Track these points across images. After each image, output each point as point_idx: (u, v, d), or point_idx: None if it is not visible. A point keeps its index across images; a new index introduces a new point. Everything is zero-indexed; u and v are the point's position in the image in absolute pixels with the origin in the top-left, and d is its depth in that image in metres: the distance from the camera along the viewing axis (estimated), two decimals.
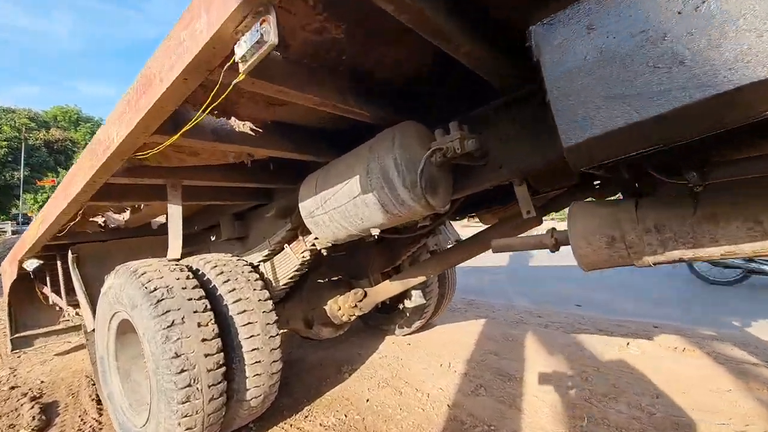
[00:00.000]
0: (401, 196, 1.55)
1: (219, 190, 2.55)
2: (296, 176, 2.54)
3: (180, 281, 2.20)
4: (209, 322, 2.14)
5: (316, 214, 1.87)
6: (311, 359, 3.80)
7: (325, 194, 1.80)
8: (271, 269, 2.71)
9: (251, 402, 2.34)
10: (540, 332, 4.32)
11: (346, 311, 3.17)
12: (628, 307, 5.44)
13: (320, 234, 1.98)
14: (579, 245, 1.61)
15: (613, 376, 3.20)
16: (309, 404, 2.97)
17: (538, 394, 2.95)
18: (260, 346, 2.33)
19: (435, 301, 4.16)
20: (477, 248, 2.44)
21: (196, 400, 2.00)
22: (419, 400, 2.96)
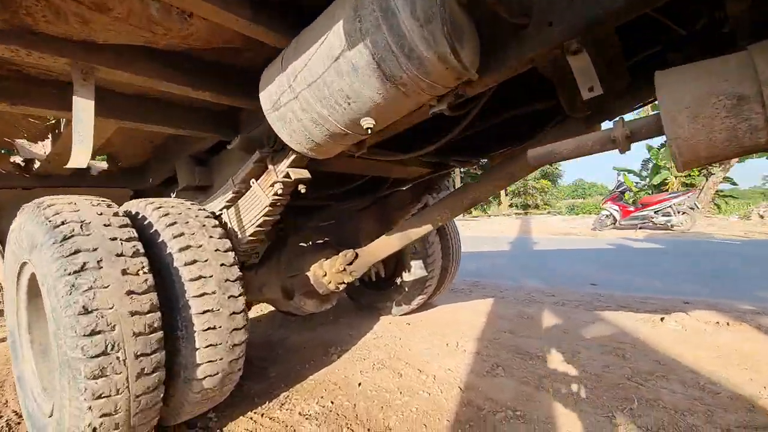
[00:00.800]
0: (408, 36, 0.98)
1: (166, 108, 1.96)
2: None
3: (102, 217, 1.61)
4: (140, 270, 1.56)
5: (283, 101, 1.29)
6: (294, 340, 3.22)
7: (295, 67, 1.23)
8: (235, 216, 2.13)
9: (204, 382, 1.76)
10: (557, 310, 3.78)
11: (333, 277, 2.59)
12: (655, 285, 4.93)
13: (290, 136, 1.40)
14: (679, 123, 1.06)
15: (653, 353, 2.67)
16: (287, 390, 2.39)
17: (568, 374, 2.41)
18: (216, 308, 1.75)
19: (438, 274, 3.60)
20: (500, 180, 1.88)
21: (116, 374, 1.41)
22: (423, 382, 2.40)
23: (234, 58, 1.75)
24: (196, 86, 1.71)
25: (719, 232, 11.32)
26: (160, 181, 2.83)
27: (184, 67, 1.65)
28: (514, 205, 30.09)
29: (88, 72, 1.42)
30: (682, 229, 11.43)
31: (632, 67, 1.72)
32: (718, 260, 6.46)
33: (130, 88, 1.82)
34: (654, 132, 1.19)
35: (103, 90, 1.78)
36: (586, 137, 1.32)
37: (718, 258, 6.67)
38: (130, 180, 2.79)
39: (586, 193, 44.93)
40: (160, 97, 1.97)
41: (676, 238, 10.11)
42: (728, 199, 18.74)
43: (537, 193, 29.43)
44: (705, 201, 16.68)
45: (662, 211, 11.78)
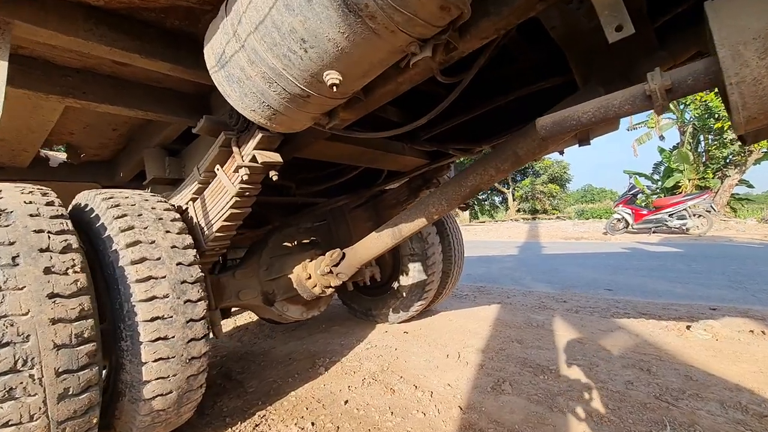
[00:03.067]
0: None
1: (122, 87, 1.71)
2: None
3: (31, 206, 1.36)
4: (70, 268, 1.29)
5: (228, 53, 1.03)
6: (278, 351, 2.94)
7: (238, 7, 0.97)
8: (201, 209, 1.87)
9: (155, 403, 1.48)
10: (571, 317, 3.45)
11: (319, 280, 2.32)
12: (676, 290, 4.56)
13: (240, 100, 1.13)
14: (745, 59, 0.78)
15: (683, 366, 2.34)
16: (264, 408, 2.10)
17: (585, 391, 2.09)
18: (168, 315, 1.49)
19: (438, 278, 3.30)
20: (505, 163, 1.59)
21: (30, 396, 1.14)
22: (419, 400, 2.10)
23: (191, 24, 1.51)
24: (146, 53, 1.46)
25: (738, 235, 10.83)
26: (131, 175, 2.59)
27: (130, 29, 1.40)
28: (522, 210, 29.60)
29: (2, 28, 1.18)
30: (699, 232, 10.96)
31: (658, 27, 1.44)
32: (742, 264, 6.05)
33: (74, 58, 1.57)
34: (704, 81, 0.91)
35: (41, 61, 1.55)
36: (611, 96, 1.04)
37: (741, 261, 6.26)
38: (98, 174, 2.55)
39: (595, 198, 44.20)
40: (114, 73, 1.73)
41: (694, 242, 9.66)
42: (744, 203, 18.14)
43: (545, 197, 28.92)
44: (720, 204, 16.11)
45: (677, 214, 11.31)
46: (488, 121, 2.31)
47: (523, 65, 2.03)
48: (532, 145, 1.50)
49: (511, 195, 30.21)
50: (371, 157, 2.29)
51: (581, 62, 1.57)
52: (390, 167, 2.65)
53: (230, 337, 3.39)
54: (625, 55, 1.45)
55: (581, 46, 1.51)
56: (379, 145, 2.23)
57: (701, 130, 17.22)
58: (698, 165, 17.50)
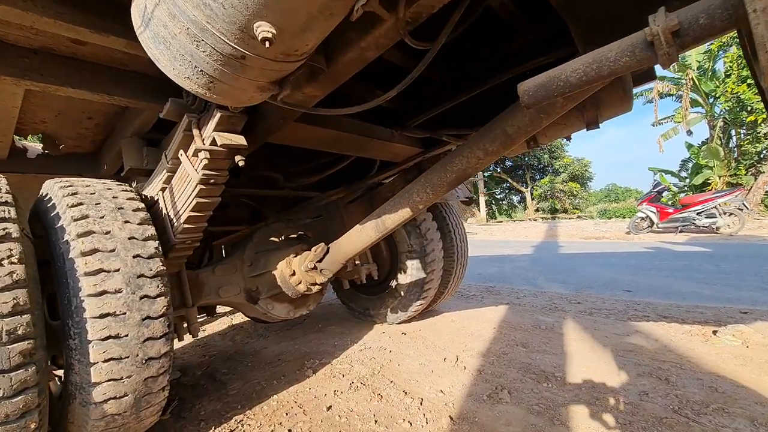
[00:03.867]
0: None
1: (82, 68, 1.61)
2: None
3: None
4: (6, 259, 1.18)
5: (149, 7, 0.89)
6: (269, 352, 2.81)
7: None
8: (170, 199, 1.76)
9: (108, 407, 1.37)
10: (584, 320, 3.20)
11: (304, 277, 2.18)
12: (703, 291, 4.21)
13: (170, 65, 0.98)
14: None
15: (707, 376, 2.09)
16: (242, 412, 1.97)
17: (594, 402, 1.87)
18: (121, 311, 1.37)
19: (439, 276, 3.11)
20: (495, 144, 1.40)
21: None
22: (407, 408, 1.92)
23: None
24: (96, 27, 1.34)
25: None
26: (115, 168, 2.51)
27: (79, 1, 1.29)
28: (541, 209, 28.85)
29: None
30: (730, 231, 10.31)
31: None
32: None
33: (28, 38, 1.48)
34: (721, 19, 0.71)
35: None
36: (605, 49, 0.86)
37: None
38: (82, 167, 2.49)
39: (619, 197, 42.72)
40: (74, 54, 1.62)
41: (724, 241, 9.09)
42: None
43: (565, 196, 28.10)
44: (753, 202, 15.19)
45: (706, 212, 10.69)
46: (486, 104, 2.12)
47: (523, 41, 1.83)
48: (522, 121, 1.31)
49: (529, 194, 29.51)
50: (356, 143, 2.13)
51: (584, 31, 1.37)
52: (380, 156, 2.49)
53: (223, 336, 3.29)
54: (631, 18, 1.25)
55: (583, 12, 1.32)
56: (363, 130, 2.07)
57: (732, 124, 16.32)
58: (729, 161, 16.59)
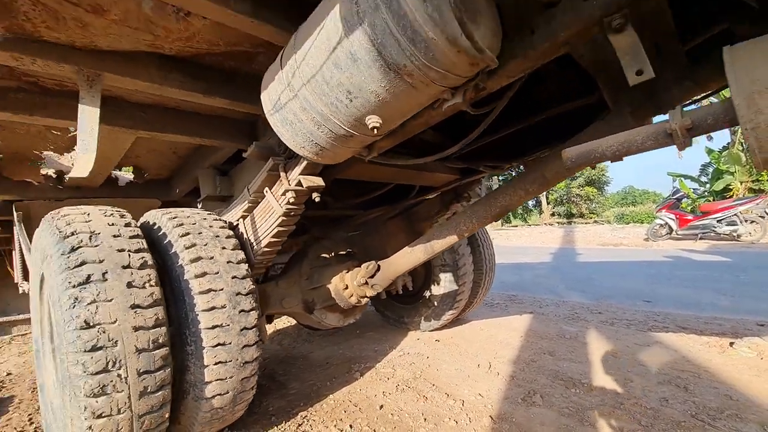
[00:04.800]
0: (411, 14, 0.84)
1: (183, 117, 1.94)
2: None
3: (113, 227, 1.59)
4: (147, 282, 1.50)
5: (283, 101, 1.20)
6: (317, 356, 3.11)
7: (293, 62, 1.13)
8: (251, 226, 2.06)
9: (214, 401, 1.67)
10: (606, 330, 3.41)
11: (355, 290, 2.47)
12: (721, 303, 4.36)
13: (293, 139, 1.29)
14: (760, 107, 0.84)
15: (722, 385, 2.29)
16: (305, 409, 2.27)
17: (618, 406, 2.10)
18: (226, 323, 1.67)
19: (469, 288, 3.37)
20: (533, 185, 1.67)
21: (118, 392, 1.35)
22: (450, 408, 2.19)
23: (246, 63, 1.70)
24: (208, 92, 1.66)
25: None
26: (186, 191, 2.85)
27: (195, 73, 1.60)
28: (557, 213, 28.71)
29: (94, 79, 1.40)
30: (751, 239, 10.26)
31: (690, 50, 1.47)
32: None
33: (146, 97, 1.81)
34: (723, 122, 0.97)
35: (119, 100, 1.79)
36: (634, 132, 1.11)
37: None
38: (158, 191, 2.83)
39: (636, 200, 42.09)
40: (177, 107, 1.95)
41: (745, 250, 9.08)
42: None
43: (581, 201, 27.92)
44: None
45: (726, 220, 10.65)
46: (517, 139, 2.38)
47: (552, 86, 2.09)
48: (560, 169, 1.57)
49: (545, 198, 29.40)
50: (404, 175, 2.42)
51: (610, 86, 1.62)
52: (423, 183, 2.77)
53: (271, 341, 3.61)
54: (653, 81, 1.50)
55: (609, 71, 1.57)
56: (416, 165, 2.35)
57: None
58: (751, 166, 16.34)
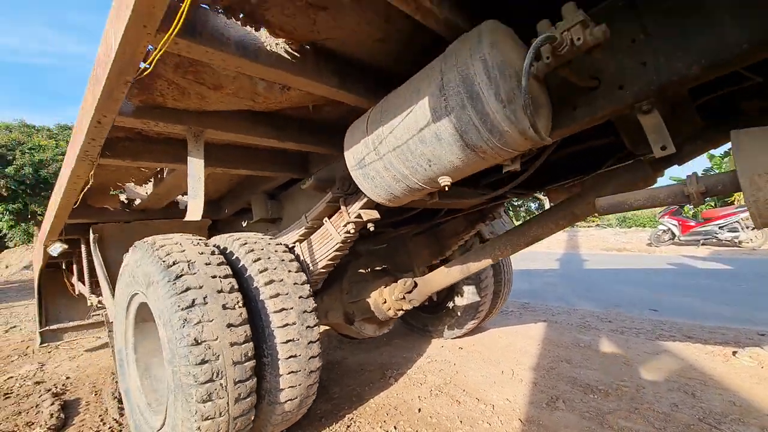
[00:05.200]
0: (491, 115, 1.10)
1: (250, 154, 2.21)
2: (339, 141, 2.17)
3: (204, 256, 1.85)
4: (236, 304, 1.77)
5: (368, 161, 1.46)
6: (351, 361, 3.37)
7: (380, 132, 1.39)
8: (307, 250, 2.32)
9: (286, 405, 1.93)
10: (616, 339, 3.67)
11: (393, 305, 2.73)
12: (723, 312, 4.61)
13: (371, 190, 1.56)
14: (759, 186, 1.10)
15: (726, 392, 2.55)
16: (351, 412, 2.52)
17: (633, 410, 2.36)
18: (296, 338, 1.93)
19: (489, 299, 3.63)
20: (563, 220, 1.93)
21: (220, 399, 1.61)
22: (483, 412, 2.44)
23: (315, 114, 1.96)
24: (282, 138, 1.93)
25: None
26: (234, 212, 3.12)
27: (275, 123, 1.87)
28: None
29: (198, 135, 1.67)
30: (753, 246, 10.51)
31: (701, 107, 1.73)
32: None
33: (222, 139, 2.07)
34: (730, 189, 1.22)
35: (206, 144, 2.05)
36: (658, 190, 1.37)
37: None
38: (210, 211, 3.10)
39: None
40: (245, 145, 2.22)
41: (746, 257, 9.33)
42: None
43: None
44: None
45: (728, 226, 10.90)
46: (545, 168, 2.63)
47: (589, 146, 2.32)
48: (588, 208, 1.83)
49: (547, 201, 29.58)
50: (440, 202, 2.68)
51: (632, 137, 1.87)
52: (453, 207, 3.02)
53: None
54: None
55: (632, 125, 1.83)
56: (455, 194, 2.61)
57: None
58: None
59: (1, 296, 7.39)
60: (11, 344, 4.42)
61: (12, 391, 3.12)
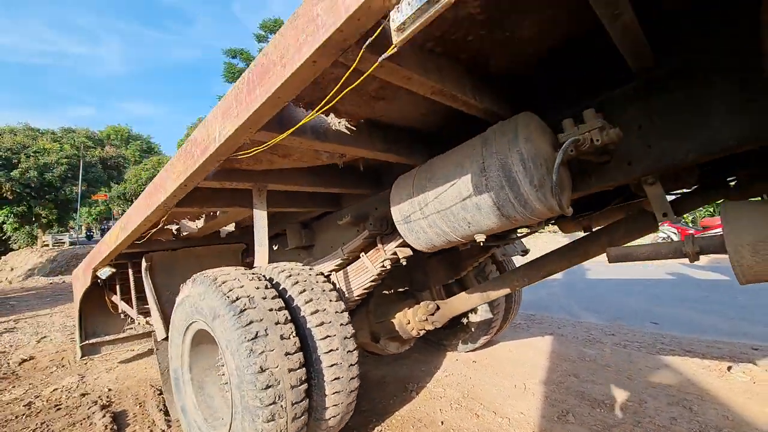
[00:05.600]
0: (526, 196, 1.36)
1: (297, 195, 2.46)
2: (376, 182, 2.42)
3: (260, 291, 2.10)
4: (291, 334, 2.02)
5: (413, 219, 1.71)
6: (373, 375, 3.62)
7: (425, 196, 1.64)
8: (344, 279, 2.57)
9: (329, 422, 2.18)
10: (620, 353, 3.93)
11: (416, 325, 2.98)
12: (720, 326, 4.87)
13: (414, 240, 1.81)
14: (742, 255, 1.35)
15: (721, 406, 2.80)
16: (379, 424, 2.78)
17: (636, 424, 2.61)
18: (339, 362, 2.18)
19: (501, 315, 3.88)
20: (576, 257, 2.19)
21: (281, 418, 1.86)
22: (500, 425, 2.70)
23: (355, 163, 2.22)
24: (327, 185, 2.18)
25: None
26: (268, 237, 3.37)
27: (324, 174, 2.13)
28: None
29: (262, 189, 1.92)
30: None
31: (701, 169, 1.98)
32: None
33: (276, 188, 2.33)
34: (720, 251, 1.48)
35: None
36: (660, 245, 1.63)
37: None
38: (244, 237, 3.35)
39: None
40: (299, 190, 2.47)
41: None
42: None
43: None
44: None
45: None
46: None
47: None
48: (600, 249, 2.09)
49: None
50: None
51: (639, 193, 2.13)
52: None
53: None
54: None
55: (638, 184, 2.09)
56: None
57: None
58: None
59: (23, 304, 7.63)
60: (46, 355, 4.66)
61: (61, 402, 3.36)
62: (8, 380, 3.93)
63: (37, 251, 26.35)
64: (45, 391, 3.61)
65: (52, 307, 7.39)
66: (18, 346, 5.00)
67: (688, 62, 1.34)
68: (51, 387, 3.71)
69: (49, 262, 23.12)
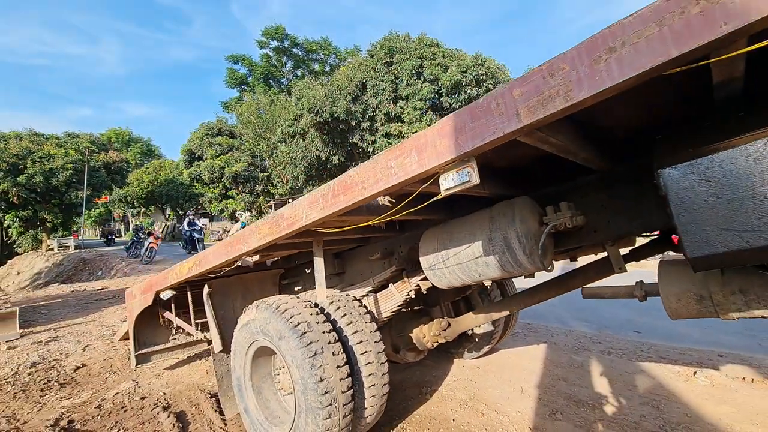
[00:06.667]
0: (520, 260, 1.94)
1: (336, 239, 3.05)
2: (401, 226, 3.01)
3: (314, 317, 2.68)
4: (339, 351, 2.60)
5: (437, 267, 2.30)
6: (393, 380, 4.17)
7: (447, 252, 2.23)
8: (374, 303, 3.16)
9: (367, 419, 2.76)
10: (604, 360, 4.53)
11: (431, 339, 3.57)
12: (694, 335, 5.49)
13: (437, 281, 2.40)
14: (669, 300, 1.95)
15: (684, 406, 3.40)
16: (401, 422, 3.36)
17: (612, 420, 3.20)
18: (374, 372, 2.76)
19: (502, 327, 4.48)
20: (565, 287, 2.78)
21: (335, 416, 2.44)
22: (502, 422, 3.29)
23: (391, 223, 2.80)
24: (365, 232, 2.77)
25: None
26: (300, 263, 3.96)
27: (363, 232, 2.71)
28: None
29: (320, 241, 2.50)
30: None
31: None
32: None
33: None
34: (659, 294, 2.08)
35: None
36: (619, 287, 2.23)
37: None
38: (284, 264, 3.94)
39: None
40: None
41: None
42: None
43: None
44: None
45: None
46: None
47: None
48: (577, 283, 2.68)
49: None
50: None
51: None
52: None
53: None
54: None
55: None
56: None
57: None
58: None
59: (54, 313, 8.16)
60: (96, 363, 5.22)
61: (125, 404, 3.93)
62: (70, 386, 4.49)
63: (43, 255, 26.79)
64: (108, 395, 4.17)
65: (83, 315, 7.91)
66: (67, 354, 5.56)
67: (633, 168, 1.94)
68: (112, 391, 4.27)
69: (56, 266, 23.48)
